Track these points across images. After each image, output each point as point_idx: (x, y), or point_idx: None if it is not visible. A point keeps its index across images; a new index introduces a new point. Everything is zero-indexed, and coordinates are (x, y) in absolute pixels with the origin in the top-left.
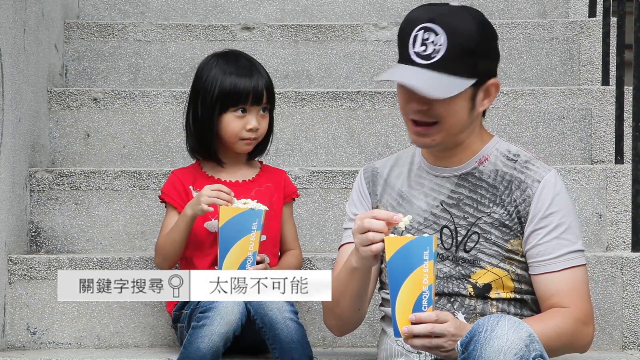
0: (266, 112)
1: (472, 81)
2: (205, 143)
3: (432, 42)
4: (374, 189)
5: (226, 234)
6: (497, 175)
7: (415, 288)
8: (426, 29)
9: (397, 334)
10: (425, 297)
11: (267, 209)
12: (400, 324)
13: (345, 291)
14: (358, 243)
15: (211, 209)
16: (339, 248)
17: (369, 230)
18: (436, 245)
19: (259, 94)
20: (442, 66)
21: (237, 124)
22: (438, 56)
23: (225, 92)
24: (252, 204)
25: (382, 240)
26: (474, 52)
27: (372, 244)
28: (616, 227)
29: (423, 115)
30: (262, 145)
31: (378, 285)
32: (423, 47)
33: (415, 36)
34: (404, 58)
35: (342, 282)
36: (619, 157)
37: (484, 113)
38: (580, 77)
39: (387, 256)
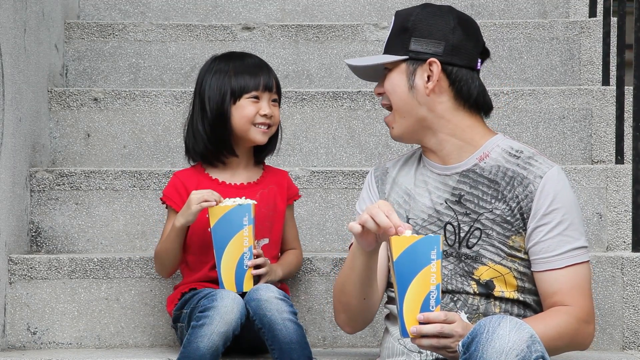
0: (276, 103)
1: (397, 57)
2: (218, 139)
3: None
4: (383, 187)
5: (219, 234)
6: (498, 170)
7: (423, 288)
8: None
9: (404, 334)
10: (433, 296)
11: (256, 202)
12: (408, 324)
13: (350, 275)
14: (358, 219)
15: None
16: (349, 248)
17: (372, 217)
18: (442, 244)
19: (269, 79)
20: (386, 48)
21: (251, 109)
22: (385, 41)
23: (237, 81)
24: (240, 200)
25: (363, 229)
26: (407, 29)
27: (361, 224)
28: (616, 227)
29: (382, 99)
30: (271, 143)
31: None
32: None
33: None
34: None
35: (348, 265)
36: (619, 157)
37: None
38: (580, 77)
39: (394, 256)
